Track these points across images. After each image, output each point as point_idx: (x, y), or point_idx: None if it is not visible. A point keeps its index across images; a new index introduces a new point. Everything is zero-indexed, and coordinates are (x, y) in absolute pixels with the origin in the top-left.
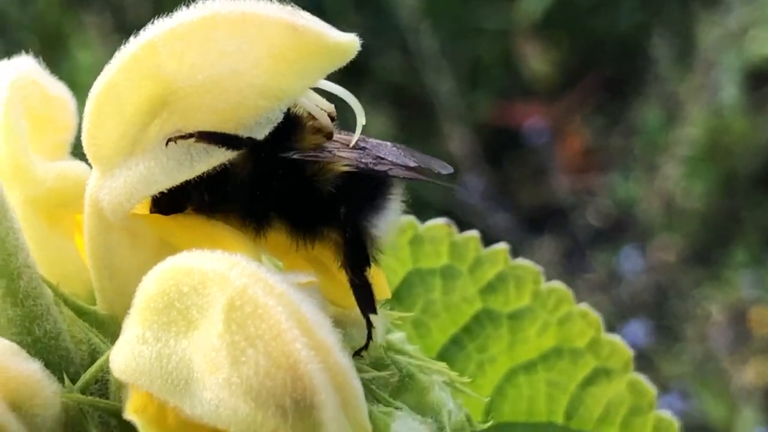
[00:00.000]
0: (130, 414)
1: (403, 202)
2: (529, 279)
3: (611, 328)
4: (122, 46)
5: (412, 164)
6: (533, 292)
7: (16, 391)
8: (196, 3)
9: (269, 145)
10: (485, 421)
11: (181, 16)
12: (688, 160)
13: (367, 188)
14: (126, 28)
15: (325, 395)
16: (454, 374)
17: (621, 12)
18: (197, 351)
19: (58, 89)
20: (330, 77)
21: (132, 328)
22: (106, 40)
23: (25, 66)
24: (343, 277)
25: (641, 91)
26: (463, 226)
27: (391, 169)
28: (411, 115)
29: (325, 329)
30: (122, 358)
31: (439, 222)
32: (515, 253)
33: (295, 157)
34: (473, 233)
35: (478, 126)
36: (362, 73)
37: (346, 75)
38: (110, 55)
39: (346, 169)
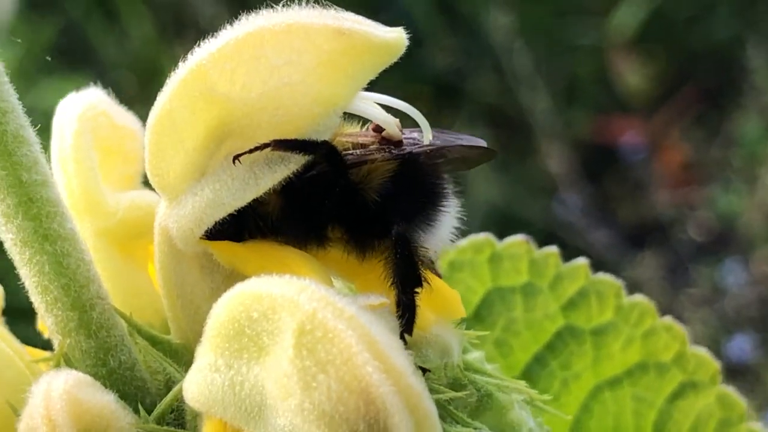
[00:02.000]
0: None
1: (459, 218)
2: (611, 293)
3: (716, 342)
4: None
5: (440, 143)
6: (615, 307)
7: (91, 423)
8: (241, 19)
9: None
10: None
11: (227, 35)
12: None
13: (415, 198)
14: None
15: (398, 418)
16: (534, 392)
17: (716, 24)
18: (269, 377)
19: (127, 120)
20: (422, 102)
21: (204, 356)
22: None
23: (94, 97)
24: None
25: (739, 102)
26: (563, 244)
27: (414, 148)
28: (508, 135)
29: (396, 351)
30: (195, 387)
31: (517, 239)
32: (617, 269)
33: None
34: (552, 249)
35: (575, 143)
36: (458, 95)
37: (441, 97)
38: None
39: (386, 167)
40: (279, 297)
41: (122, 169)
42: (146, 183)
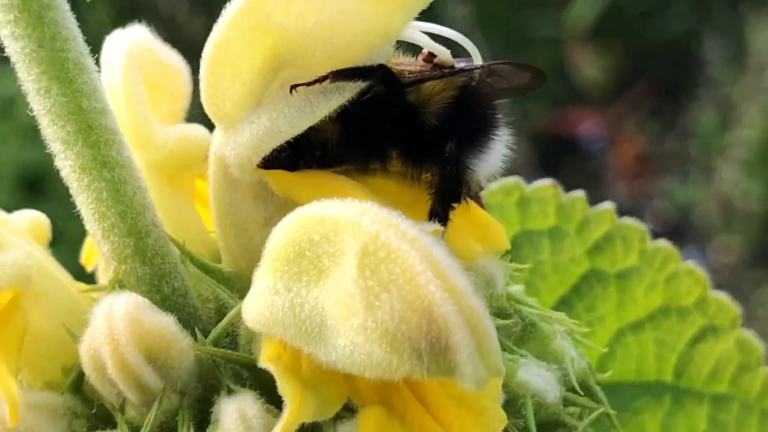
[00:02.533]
0: (264, 363)
1: (510, 148)
2: (635, 238)
3: None
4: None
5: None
6: (640, 251)
7: (152, 343)
8: None
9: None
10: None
11: None
12: (745, 162)
13: (470, 124)
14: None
15: (460, 337)
16: (574, 323)
17: (672, 17)
18: (329, 299)
19: (172, 57)
20: None
21: (262, 279)
22: None
23: (139, 34)
24: (464, 228)
25: (695, 94)
26: None
27: (470, 69)
28: None
29: (457, 272)
30: (255, 309)
31: (545, 183)
32: None
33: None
34: (580, 193)
35: (532, 134)
36: None
37: None
38: None
39: (450, 96)
40: (341, 219)
41: (168, 105)
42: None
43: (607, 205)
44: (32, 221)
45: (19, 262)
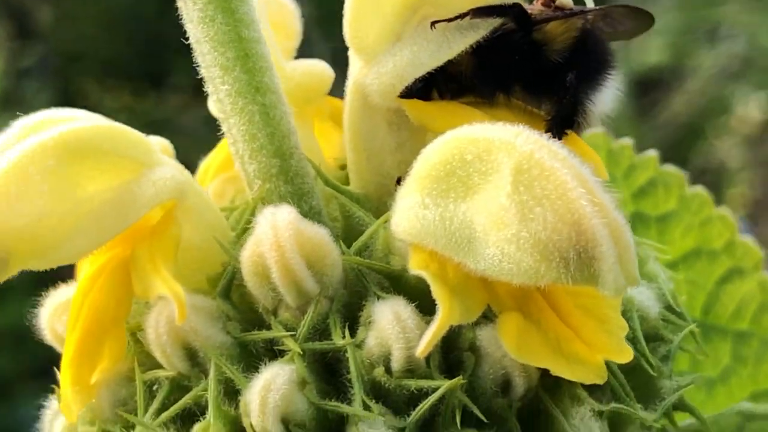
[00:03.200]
0: (416, 270)
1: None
2: (675, 184)
3: None
4: None
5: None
6: (679, 196)
7: (311, 251)
8: None
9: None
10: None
11: None
12: None
13: (589, 62)
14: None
15: (605, 248)
16: (662, 247)
17: None
18: (479, 213)
19: None
20: None
21: (409, 196)
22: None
23: None
24: None
25: None
26: None
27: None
28: None
29: (602, 189)
30: (407, 223)
31: (599, 131)
32: None
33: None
34: (628, 141)
35: None
36: None
37: None
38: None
39: (572, 37)
40: (496, 140)
41: (285, 43)
42: None
43: (652, 153)
44: (162, 145)
45: (176, 177)
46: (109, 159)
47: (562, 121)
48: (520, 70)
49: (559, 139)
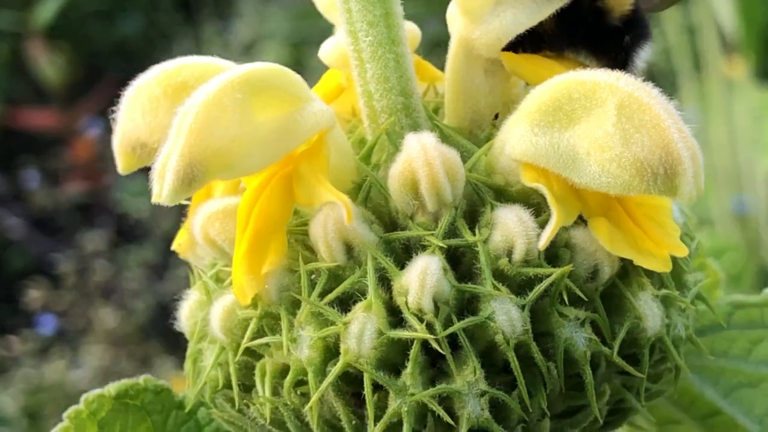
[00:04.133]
0: (530, 183)
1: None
2: None
3: None
4: None
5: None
6: None
7: (449, 168)
8: None
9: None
10: None
11: None
12: None
13: (639, 27)
14: None
15: (686, 166)
16: None
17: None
18: (583, 138)
19: None
20: None
21: (519, 126)
22: None
23: None
24: None
25: None
26: None
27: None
28: None
29: (683, 123)
30: (522, 146)
31: None
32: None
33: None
34: None
35: None
36: None
37: None
38: None
39: (628, 8)
40: (601, 82)
41: None
42: None
43: None
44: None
45: (328, 110)
46: (279, 94)
47: (621, 65)
48: (588, 32)
49: None
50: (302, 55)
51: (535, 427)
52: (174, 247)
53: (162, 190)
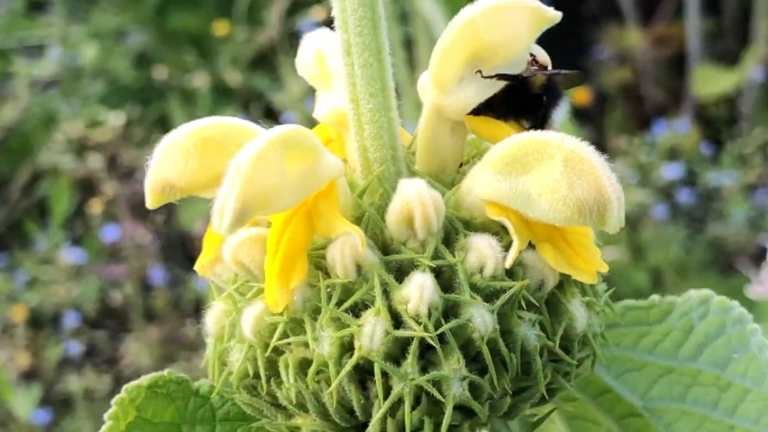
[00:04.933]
0: (495, 217)
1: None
2: None
3: None
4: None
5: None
6: None
7: (436, 205)
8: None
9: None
10: None
11: (483, 3)
12: None
13: (554, 95)
14: None
15: (614, 204)
16: None
17: None
18: (534, 184)
19: None
20: None
21: (484, 173)
22: None
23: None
24: None
25: None
26: None
27: (556, 74)
28: None
29: (611, 171)
30: (488, 190)
31: None
32: None
33: (527, 75)
34: None
35: None
36: None
37: None
38: None
39: (544, 80)
40: (551, 140)
41: None
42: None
43: None
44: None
45: (338, 162)
46: (304, 149)
47: (538, 126)
48: (520, 101)
49: None
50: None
51: (498, 403)
52: (195, 267)
53: (222, 225)
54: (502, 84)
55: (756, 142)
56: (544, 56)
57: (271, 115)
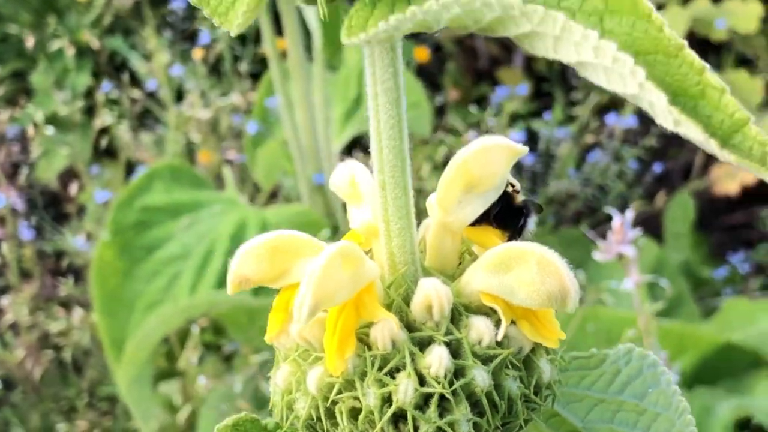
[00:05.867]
0: (490, 303)
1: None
2: None
3: None
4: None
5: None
6: None
7: (447, 298)
8: (478, 139)
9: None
10: None
11: (476, 144)
12: None
13: (528, 210)
14: None
15: (573, 294)
16: None
17: None
18: (515, 279)
19: None
20: None
21: (479, 272)
22: None
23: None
24: None
25: None
26: None
27: (530, 202)
28: None
29: (571, 272)
30: (483, 284)
31: None
32: None
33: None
34: None
35: None
36: None
37: None
38: None
39: (521, 200)
40: (527, 249)
41: None
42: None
43: None
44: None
45: (375, 267)
46: (353, 258)
47: (517, 236)
48: (504, 215)
49: None
50: None
51: None
52: (265, 338)
53: (300, 317)
54: (490, 203)
55: (589, 106)
56: (517, 183)
57: (135, 81)
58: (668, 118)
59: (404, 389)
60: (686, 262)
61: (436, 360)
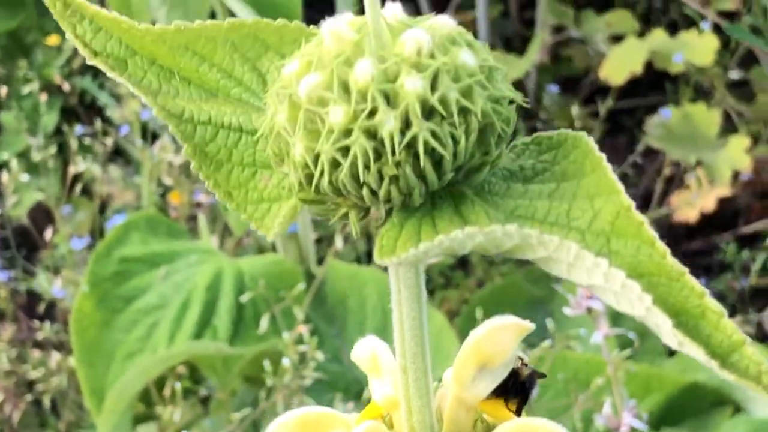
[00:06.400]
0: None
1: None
2: None
3: None
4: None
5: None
6: None
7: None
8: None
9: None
10: None
11: (487, 324)
12: None
13: (532, 382)
14: None
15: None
16: None
17: None
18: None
19: None
20: None
21: None
22: None
23: None
24: None
25: None
26: None
27: (534, 375)
28: None
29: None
30: None
31: None
32: None
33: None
34: None
35: None
36: None
37: None
38: None
39: (528, 372)
40: (539, 426)
41: None
42: None
43: None
44: None
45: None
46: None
47: (522, 407)
48: (513, 388)
49: (519, 414)
50: None
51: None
52: None
53: None
54: (502, 378)
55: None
56: (525, 356)
57: (105, 119)
58: (673, 339)
59: None
60: None
61: None
